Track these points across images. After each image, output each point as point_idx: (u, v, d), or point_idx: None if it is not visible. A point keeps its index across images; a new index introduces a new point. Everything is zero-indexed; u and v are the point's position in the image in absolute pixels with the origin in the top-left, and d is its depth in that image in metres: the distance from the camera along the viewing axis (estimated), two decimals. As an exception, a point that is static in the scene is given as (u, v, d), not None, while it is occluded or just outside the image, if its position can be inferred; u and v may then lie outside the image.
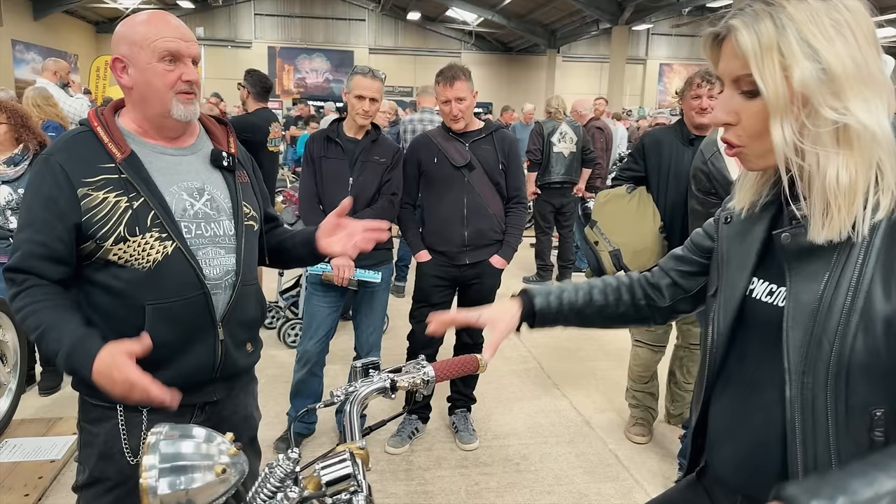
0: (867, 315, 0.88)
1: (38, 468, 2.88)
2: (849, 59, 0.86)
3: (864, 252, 0.89)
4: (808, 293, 0.93)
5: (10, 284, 1.46)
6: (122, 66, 1.51)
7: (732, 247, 1.11)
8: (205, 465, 0.83)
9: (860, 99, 0.86)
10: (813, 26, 0.87)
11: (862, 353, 0.88)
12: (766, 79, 0.89)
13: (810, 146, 0.89)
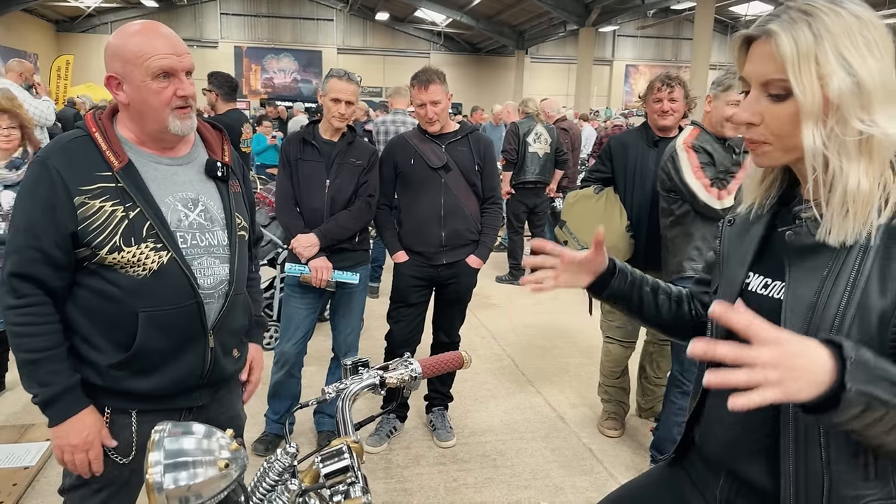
0: (863, 309, 0.93)
1: (11, 475, 2.84)
2: (879, 75, 0.92)
3: (863, 251, 0.95)
4: (806, 287, 0.99)
5: (11, 294, 1.46)
6: (116, 82, 1.51)
7: (732, 246, 1.17)
8: (207, 461, 0.87)
9: (886, 114, 0.93)
10: (848, 41, 0.92)
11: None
12: (804, 85, 0.93)
13: (834, 152, 0.94)
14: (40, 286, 1.47)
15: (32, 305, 1.46)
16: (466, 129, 3.21)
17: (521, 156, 6.16)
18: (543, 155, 6.20)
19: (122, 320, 1.51)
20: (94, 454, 1.54)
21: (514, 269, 6.69)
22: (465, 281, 3.19)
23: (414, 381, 1.23)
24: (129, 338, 1.52)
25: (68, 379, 1.49)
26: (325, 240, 2.93)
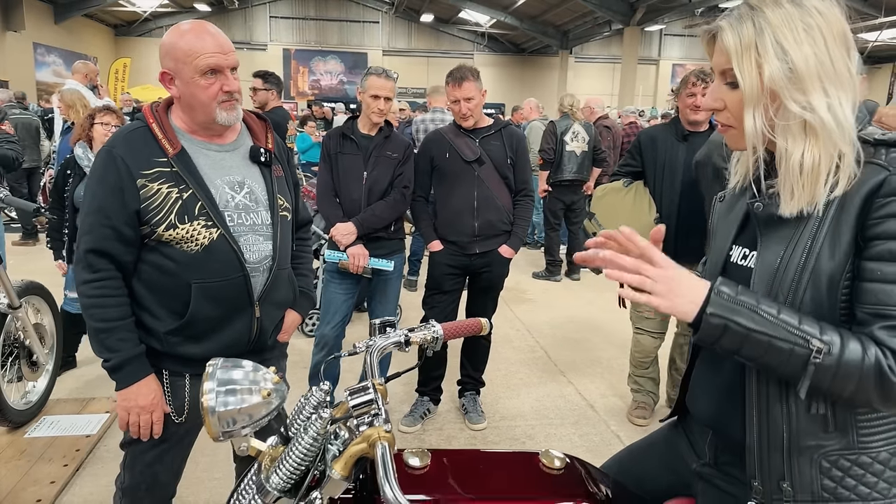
0: (816, 273, 1.03)
1: (75, 442, 3.09)
2: (814, 59, 1.01)
3: (818, 222, 1.04)
4: (772, 255, 1.09)
5: (87, 269, 1.64)
6: (169, 78, 1.69)
7: (720, 221, 1.28)
8: (253, 389, 1.01)
9: (822, 94, 1.01)
10: (786, 29, 1.01)
11: (809, 303, 1.04)
12: (744, 74, 1.04)
13: (780, 133, 1.04)
14: (113, 261, 1.65)
15: (106, 279, 1.65)
16: (499, 124, 3.33)
17: (558, 154, 6.23)
18: (581, 153, 6.25)
19: (177, 291, 1.69)
20: (157, 416, 1.71)
21: (550, 266, 6.76)
22: (497, 270, 3.30)
23: (435, 342, 1.36)
24: (183, 306, 1.69)
25: (136, 347, 1.67)
26: (362, 228, 3.09)
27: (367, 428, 1.00)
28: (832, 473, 1.07)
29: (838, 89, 1.02)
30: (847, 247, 1.02)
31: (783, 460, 1.08)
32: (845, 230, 1.02)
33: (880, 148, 1.03)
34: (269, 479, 1.02)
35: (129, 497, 1.85)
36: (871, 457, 1.07)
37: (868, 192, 1.00)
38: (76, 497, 2.74)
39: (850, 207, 1.01)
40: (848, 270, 1.02)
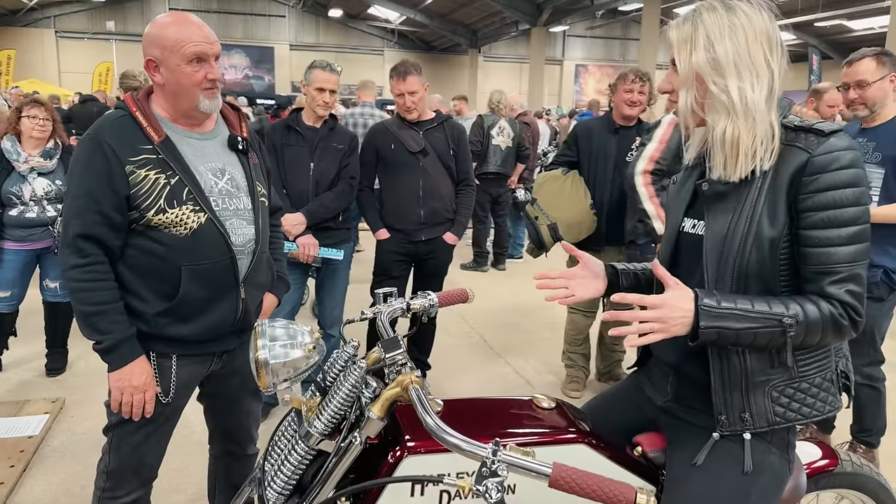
0: (758, 238, 1.26)
1: (17, 443, 3.00)
2: (733, 51, 1.24)
3: (756, 193, 1.27)
4: (719, 224, 1.31)
5: (77, 254, 1.66)
6: (154, 66, 1.74)
7: (673, 198, 1.51)
8: (299, 343, 1.13)
9: (736, 79, 1.24)
10: (715, 28, 1.25)
11: (754, 264, 1.27)
12: (681, 61, 1.28)
13: (708, 110, 1.28)
14: (101, 246, 1.69)
15: (95, 263, 1.68)
16: (441, 117, 3.50)
17: (484, 147, 6.47)
18: (506, 148, 6.52)
19: (167, 274, 1.74)
20: (150, 395, 1.76)
21: (477, 257, 7.00)
22: (442, 256, 3.48)
23: (431, 308, 1.51)
24: (173, 288, 1.75)
25: (128, 329, 1.72)
26: (311, 218, 3.17)
27: (399, 375, 1.14)
28: (781, 401, 1.31)
29: (752, 76, 1.25)
30: (783, 217, 1.25)
31: (742, 396, 1.31)
32: (780, 203, 1.25)
33: (800, 133, 1.27)
34: (313, 424, 1.14)
35: (115, 479, 1.87)
36: (808, 383, 1.32)
37: (795, 171, 1.24)
38: (27, 497, 2.69)
39: (781, 184, 1.25)
40: (785, 236, 1.26)
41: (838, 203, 1.20)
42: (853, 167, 1.21)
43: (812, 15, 18.42)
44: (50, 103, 3.61)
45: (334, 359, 1.20)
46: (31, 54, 23.26)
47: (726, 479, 1.30)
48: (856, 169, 1.21)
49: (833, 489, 1.68)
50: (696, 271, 1.36)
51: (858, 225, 1.21)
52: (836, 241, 1.21)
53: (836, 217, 1.20)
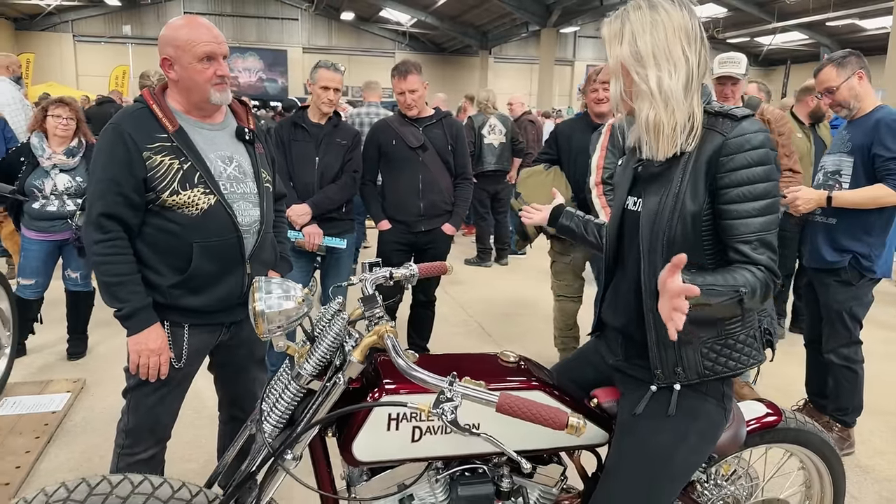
0: (682, 213, 1.43)
1: (42, 418, 3.22)
2: (652, 45, 1.40)
3: (681, 173, 1.45)
4: (652, 202, 1.49)
5: (99, 230, 1.87)
6: (168, 63, 1.95)
7: (619, 178, 1.69)
8: (290, 296, 1.33)
9: (655, 70, 1.41)
10: (638, 24, 1.41)
11: (679, 236, 1.45)
12: (610, 55, 1.46)
13: (634, 98, 1.45)
14: (121, 224, 1.89)
15: (116, 239, 1.89)
16: (440, 114, 3.69)
17: (477, 147, 6.65)
18: (499, 145, 6.70)
19: (180, 250, 1.95)
20: (164, 359, 1.96)
21: (481, 253, 7.19)
22: (441, 246, 3.67)
23: (412, 278, 1.70)
24: (185, 263, 1.95)
25: (145, 299, 1.92)
26: (316, 209, 3.37)
27: (376, 325, 1.33)
28: (709, 356, 1.49)
29: (669, 67, 1.41)
30: (703, 193, 1.42)
31: (675, 353, 1.49)
32: (700, 181, 1.42)
33: (719, 118, 1.45)
34: (303, 367, 1.33)
35: (133, 437, 2.07)
36: (734, 339, 1.49)
37: (712, 153, 1.41)
38: (52, 464, 2.90)
39: (701, 164, 1.42)
40: (706, 211, 1.43)
41: (751, 179, 1.37)
42: (762, 147, 1.38)
43: (823, 14, 18.43)
44: (75, 103, 3.84)
45: (322, 313, 1.40)
46: (49, 58, 23.73)
47: (667, 423, 1.48)
48: (765, 149, 1.38)
49: (779, 443, 1.85)
50: (634, 243, 1.54)
51: (770, 198, 1.38)
52: (751, 213, 1.38)
53: (750, 192, 1.37)
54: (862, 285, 2.94)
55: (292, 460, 1.35)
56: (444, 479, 1.49)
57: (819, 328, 3.15)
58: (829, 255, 2.94)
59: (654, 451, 1.46)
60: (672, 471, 1.49)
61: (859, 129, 2.88)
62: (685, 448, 1.48)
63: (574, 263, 3.70)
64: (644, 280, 1.50)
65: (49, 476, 2.78)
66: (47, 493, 1.33)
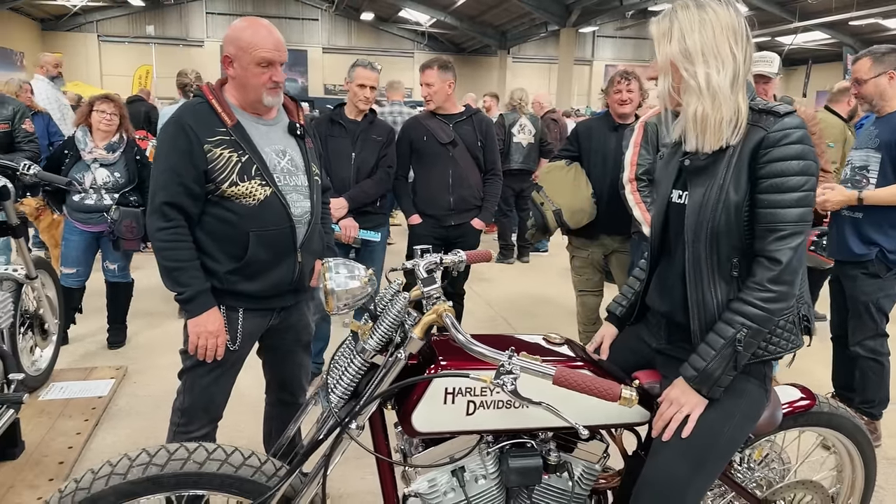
0: (726, 204, 1.51)
1: (89, 402, 3.36)
2: (701, 43, 1.48)
3: (725, 166, 1.52)
4: (697, 195, 1.56)
5: (162, 218, 1.98)
6: (229, 61, 2.05)
7: (661, 172, 1.76)
8: (356, 276, 1.43)
9: (704, 66, 1.48)
10: (687, 22, 1.49)
11: (723, 226, 1.52)
12: (659, 52, 1.53)
13: (682, 93, 1.52)
14: (182, 212, 2.00)
15: (177, 227, 2.00)
16: (470, 111, 3.78)
17: (506, 145, 6.72)
18: (527, 145, 6.77)
19: (237, 238, 2.05)
20: (221, 340, 2.06)
21: (504, 250, 7.26)
22: (470, 240, 3.76)
23: (460, 263, 1.78)
24: (242, 251, 2.06)
25: (204, 283, 2.03)
26: (352, 203, 3.47)
27: (435, 305, 1.42)
28: None
29: (718, 64, 1.48)
30: (745, 185, 1.49)
31: None
32: (742, 174, 1.49)
33: (762, 114, 1.52)
34: (367, 342, 1.43)
35: (188, 416, 2.18)
36: (774, 325, 1.56)
37: (754, 146, 1.48)
38: (101, 444, 3.03)
39: (744, 157, 1.49)
40: (747, 201, 1.50)
41: (785, 172, 1.44)
42: (800, 143, 1.44)
43: (846, 14, 18.27)
44: (120, 100, 3.98)
45: (383, 293, 1.49)
46: (75, 57, 24.15)
47: (713, 401, 1.55)
48: (803, 145, 1.44)
49: (812, 427, 1.91)
50: (680, 234, 1.61)
51: (802, 192, 1.44)
52: (781, 204, 1.44)
53: (783, 184, 1.44)
54: (889, 278, 2.98)
55: (357, 430, 1.45)
56: (495, 452, 1.57)
57: (845, 322, 3.19)
58: (857, 248, 2.99)
59: (702, 428, 1.53)
60: (718, 448, 1.56)
61: (887, 125, 2.93)
62: (730, 425, 1.55)
63: (593, 258, 3.76)
64: (688, 269, 1.57)
65: (100, 455, 2.91)
66: (130, 458, 1.43)
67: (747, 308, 1.47)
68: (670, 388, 1.56)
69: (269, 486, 1.49)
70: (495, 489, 1.60)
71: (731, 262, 1.53)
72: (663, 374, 1.71)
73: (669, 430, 1.54)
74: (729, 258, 1.53)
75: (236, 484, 1.48)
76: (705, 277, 1.55)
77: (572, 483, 1.64)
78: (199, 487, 1.46)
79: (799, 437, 2.01)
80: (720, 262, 1.54)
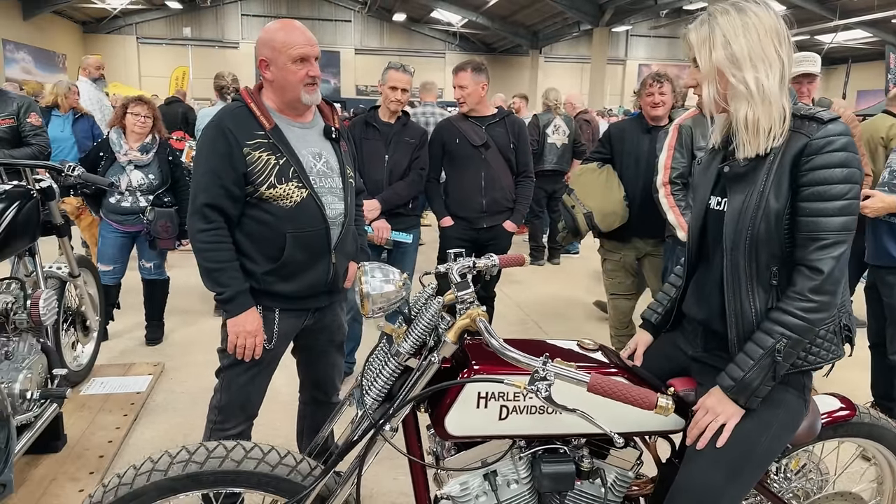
0: (766, 211, 1.48)
1: (128, 397, 3.44)
2: (747, 48, 1.45)
3: (766, 173, 1.49)
4: (736, 202, 1.54)
5: (203, 220, 2.02)
6: (265, 64, 2.09)
7: (699, 178, 1.74)
8: (392, 280, 1.44)
9: (752, 71, 1.46)
10: (730, 27, 1.47)
11: (763, 234, 1.49)
12: (701, 59, 1.50)
13: (730, 99, 1.49)
14: (223, 214, 2.04)
15: (218, 229, 2.04)
16: (502, 113, 3.78)
17: (540, 146, 6.70)
18: (561, 146, 6.74)
19: (274, 240, 2.09)
20: (259, 340, 2.10)
21: (534, 251, 7.24)
22: (502, 242, 3.76)
23: (493, 267, 1.78)
24: (279, 252, 2.09)
25: (243, 284, 2.07)
26: (385, 204, 3.50)
27: (469, 309, 1.43)
28: None
29: (766, 67, 1.46)
30: (786, 192, 1.46)
31: None
32: (784, 181, 1.47)
33: (804, 120, 1.49)
34: (402, 345, 1.44)
35: (225, 414, 2.22)
36: (815, 335, 1.53)
37: (796, 153, 1.45)
38: (140, 439, 3.11)
39: (785, 164, 1.47)
40: (788, 209, 1.47)
41: (828, 180, 1.41)
42: (844, 151, 1.41)
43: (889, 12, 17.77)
44: (153, 102, 4.07)
45: (417, 297, 1.50)
46: (114, 59, 24.72)
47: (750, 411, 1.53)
48: (846, 153, 1.41)
49: (852, 438, 1.87)
50: (717, 243, 1.59)
51: (845, 200, 1.40)
52: (824, 212, 1.41)
53: (826, 192, 1.41)
54: None
55: (390, 431, 1.46)
56: (527, 457, 1.58)
57: (883, 329, 3.11)
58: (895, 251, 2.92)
59: (738, 437, 1.51)
60: (755, 457, 1.54)
61: None
62: (768, 436, 1.53)
63: (625, 261, 3.73)
64: (726, 277, 1.55)
65: (139, 450, 2.98)
66: (171, 455, 1.47)
67: (787, 318, 1.44)
68: (706, 396, 1.54)
69: (305, 486, 1.52)
70: (527, 494, 1.60)
71: (771, 271, 1.51)
72: (699, 381, 1.69)
73: (704, 438, 1.52)
74: (768, 266, 1.51)
75: (273, 483, 1.50)
76: (744, 286, 1.53)
77: (605, 490, 1.63)
78: (237, 485, 1.49)
79: (838, 447, 1.97)
80: (759, 271, 1.52)
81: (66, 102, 5.62)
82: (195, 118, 7.36)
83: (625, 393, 1.22)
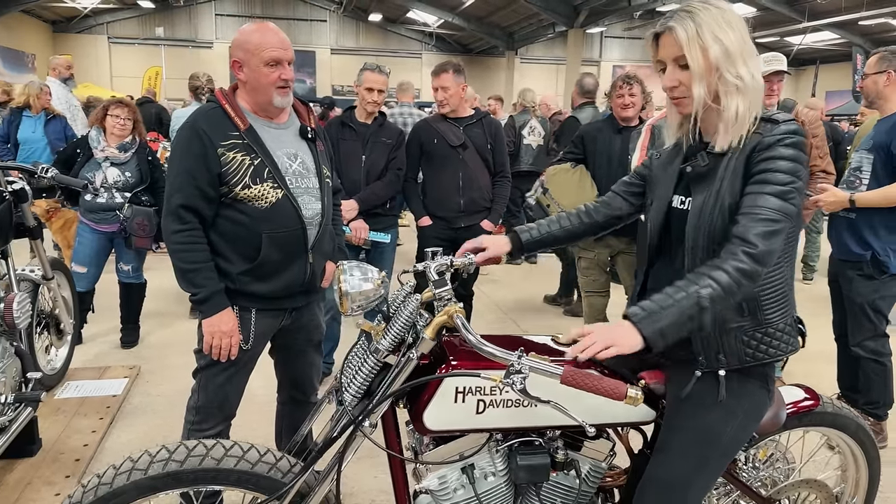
0: (722, 207, 1.52)
1: (104, 401, 3.42)
2: (737, 42, 1.48)
3: (724, 170, 1.53)
4: (698, 200, 1.58)
5: (178, 221, 2.03)
6: (238, 66, 2.10)
7: (659, 174, 1.77)
8: (369, 278, 1.47)
9: (745, 66, 1.49)
10: (715, 24, 1.48)
11: (719, 229, 1.53)
12: (693, 57, 1.49)
13: (722, 95, 1.50)
14: (197, 215, 2.05)
15: (192, 229, 2.04)
16: (480, 114, 3.82)
17: (516, 147, 6.75)
18: (537, 147, 6.80)
19: (250, 240, 2.10)
20: (235, 340, 2.11)
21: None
22: (479, 241, 3.79)
23: (470, 266, 1.82)
24: (255, 252, 2.10)
25: (218, 285, 2.07)
26: (362, 205, 3.52)
27: (446, 306, 1.46)
28: (750, 344, 1.58)
29: (752, 58, 1.51)
30: (739, 188, 1.50)
31: (717, 340, 1.58)
32: (738, 178, 1.51)
33: (763, 122, 1.53)
34: (380, 343, 1.47)
35: (203, 414, 2.23)
36: (773, 328, 1.58)
37: (750, 151, 1.50)
38: (116, 442, 3.09)
39: (740, 161, 1.51)
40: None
41: (772, 169, 1.45)
42: (793, 148, 1.46)
43: (856, 14, 18.20)
44: (133, 105, 4.05)
45: (395, 295, 1.53)
46: (85, 59, 24.32)
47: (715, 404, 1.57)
48: (795, 150, 1.46)
49: (816, 427, 1.94)
50: (678, 240, 1.63)
51: (785, 187, 1.44)
52: (763, 192, 1.44)
53: (768, 178, 1.45)
54: (885, 280, 3.01)
55: (370, 427, 1.49)
56: (503, 450, 1.61)
57: (846, 321, 3.22)
58: (855, 247, 3.03)
59: (705, 428, 1.56)
60: (721, 447, 1.59)
61: (882, 127, 2.97)
62: (733, 425, 1.58)
63: (599, 259, 3.79)
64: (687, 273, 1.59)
65: (115, 453, 2.96)
66: (151, 454, 1.48)
67: (718, 273, 1.41)
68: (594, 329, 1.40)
69: (285, 483, 1.53)
70: (504, 486, 1.63)
71: None
72: (667, 375, 1.74)
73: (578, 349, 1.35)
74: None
75: (252, 480, 1.52)
76: None
77: (579, 481, 1.67)
78: (217, 483, 1.51)
79: (803, 436, 2.03)
80: None
81: (38, 103, 5.54)
82: (169, 119, 7.30)
83: (596, 384, 1.26)
